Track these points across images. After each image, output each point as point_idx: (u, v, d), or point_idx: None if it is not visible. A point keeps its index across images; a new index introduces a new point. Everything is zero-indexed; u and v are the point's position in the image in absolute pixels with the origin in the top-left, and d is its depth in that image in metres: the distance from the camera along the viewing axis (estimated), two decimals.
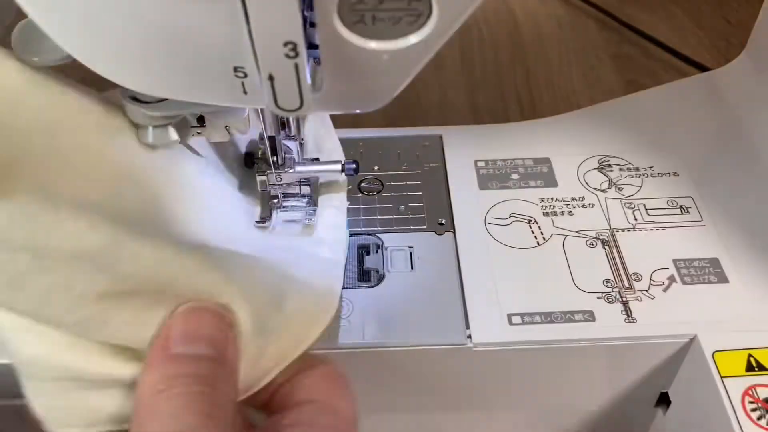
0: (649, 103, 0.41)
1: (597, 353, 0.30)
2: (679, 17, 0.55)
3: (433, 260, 0.32)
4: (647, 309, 0.30)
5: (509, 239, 0.33)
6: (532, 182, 0.36)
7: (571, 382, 0.32)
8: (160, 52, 0.20)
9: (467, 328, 0.29)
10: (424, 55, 0.20)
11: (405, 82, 0.21)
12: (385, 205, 0.35)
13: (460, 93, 0.49)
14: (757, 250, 0.33)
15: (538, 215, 0.34)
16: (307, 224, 0.31)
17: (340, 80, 0.21)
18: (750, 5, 0.56)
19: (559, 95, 0.49)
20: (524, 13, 0.56)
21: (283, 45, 0.19)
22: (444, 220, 0.34)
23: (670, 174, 0.36)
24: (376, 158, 0.37)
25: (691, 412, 0.30)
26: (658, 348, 0.30)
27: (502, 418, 0.34)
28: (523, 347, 0.29)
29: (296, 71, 0.19)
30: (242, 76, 0.20)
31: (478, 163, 0.37)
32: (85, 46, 0.21)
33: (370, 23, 0.19)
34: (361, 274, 0.32)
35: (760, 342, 0.29)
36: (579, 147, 0.38)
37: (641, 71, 0.50)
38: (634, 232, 0.33)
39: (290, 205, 0.32)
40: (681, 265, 0.32)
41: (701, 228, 0.34)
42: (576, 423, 0.34)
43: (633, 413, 0.33)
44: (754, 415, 0.27)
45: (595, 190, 0.35)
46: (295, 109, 0.21)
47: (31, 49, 0.24)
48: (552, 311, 0.30)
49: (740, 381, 0.28)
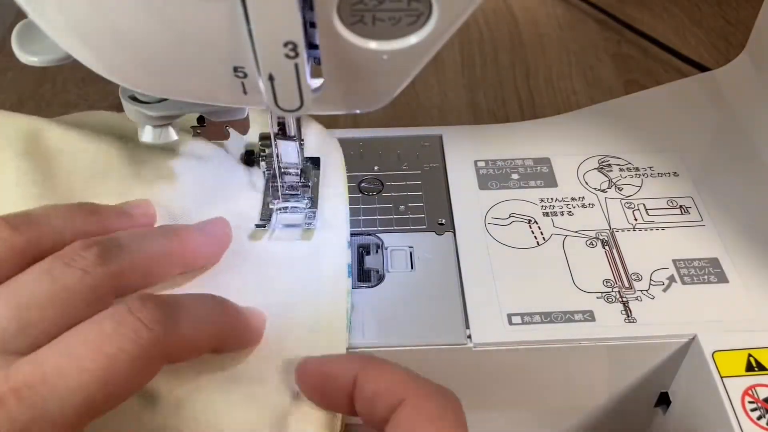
0: (649, 103, 0.41)
1: (597, 353, 0.30)
2: (679, 17, 0.55)
3: (433, 260, 0.32)
4: (647, 309, 0.30)
5: (509, 239, 0.33)
6: (532, 182, 0.36)
7: (571, 382, 0.32)
8: (160, 52, 0.20)
9: (467, 328, 0.29)
10: (424, 55, 0.20)
11: (405, 82, 0.21)
12: (385, 205, 0.35)
13: (460, 93, 0.49)
14: (757, 250, 0.33)
15: (538, 215, 0.34)
16: (307, 228, 0.31)
17: (340, 80, 0.21)
18: (750, 5, 0.56)
19: (559, 95, 0.49)
20: (524, 13, 0.56)
21: (283, 45, 0.19)
22: (444, 220, 0.34)
23: (670, 174, 0.36)
24: (376, 158, 0.37)
25: (691, 412, 0.30)
26: (658, 348, 0.30)
27: (501, 418, 0.34)
28: (523, 347, 0.29)
29: (296, 71, 0.19)
30: (242, 76, 0.20)
31: (478, 163, 0.37)
32: (85, 46, 0.21)
33: (369, 23, 0.19)
34: (361, 274, 0.32)
35: (760, 342, 0.29)
36: (579, 147, 0.38)
37: (641, 71, 0.50)
38: (634, 232, 0.33)
39: (290, 206, 0.32)
40: (681, 265, 0.32)
41: (701, 228, 0.34)
42: (576, 423, 0.34)
43: (633, 413, 0.33)
44: (754, 415, 0.27)
45: (595, 190, 0.35)
46: (295, 109, 0.21)
47: (31, 49, 0.24)
48: (552, 311, 0.30)
49: (740, 381, 0.28)
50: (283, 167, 0.31)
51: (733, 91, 0.41)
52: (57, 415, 0.19)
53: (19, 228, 0.23)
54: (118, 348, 0.20)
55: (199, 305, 0.23)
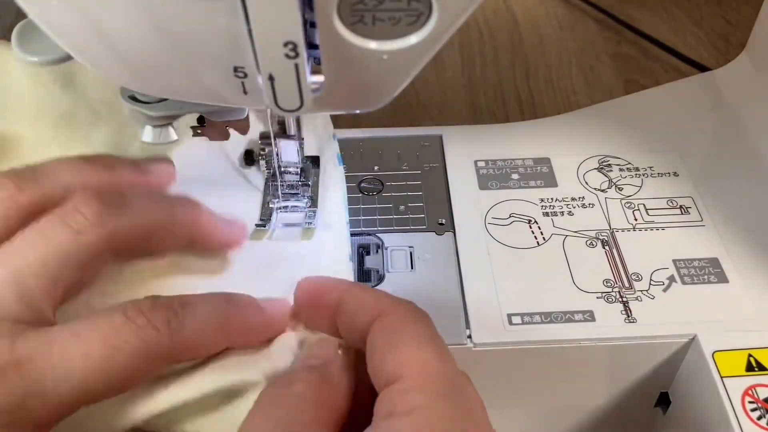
0: (649, 103, 0.41)
1: (597, 353, 0.30)
2: (679, 17, 0.55)
3: (433, 260, 0.32)
4: (647, 309, 0.30)
5: (509, 239, 0.33)
6: (532, 182, 0.36)
7: (571, 382, 0.32)
8: (160, 52, 0.20)
9: (467, 328, 0.29)
10: (424, 55, 0.20)
11: (405, 82, 0.21)
12: (385, 205, 0.35)
13: (460, 93, 0.49)
14: (757, 250, 0.33)
15: (538, 215, 0.34)
16: (307, 228, 0.31)
17: (340, 80, 0.21)
18: (750, 5, 0.56)
19: (559, 95, 0.49)
20: (524, 13, 0.56)
21: (283, 45, 0.19)
22: (444, 220, 0.34)
23: (670, 174, 0.36)
24: (376, 158, 0.37)
25: (691, 412, 0.30)
26: (658, 348, 0.30)
27: (501, 418, 0.34)
28: (523, 347, 0.29)
29: (296, 71, 0.19)
30: (242, 76, 0.20)
31: (478, 163, 0.37)
32: (85, 46, 0.21)
33: (370, 23, 0.19)
34: (361, 274, 0.32)
35: (760, 342, 0.29)
36: (579, 147, 0.38)
37: (641, 71, 0.50)
38: (634, 232, 0.33)
39: (290, 206, 0.32)
40: (681, 265, 0.32)
41: (701, 228, 0.34)
42: (576, 423, 0.34)
43: (633, 413, 0.33)
44: (754, 415, 0.27)
45: (595, 190, 0.35)
46: (295, 109, 0.21)
47: (31, 49, 0.24)
48: (552, 311, 0.30)
49: (740, 381, 0.28)
50: (283, 166, 0.31)
51: (733, 91, 0.41)
52: (52, 394, 0.19)
53: (24, 185, 0.23)
54: (123, 341, 0.20)
55: (209, 306, 0.23)
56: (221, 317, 0.23)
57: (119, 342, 0.20)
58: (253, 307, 0.25)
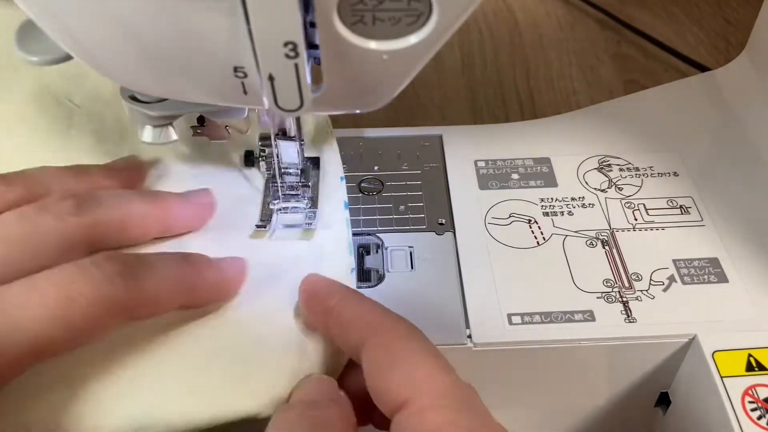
0: (649, 103, 0.41)
1: (597, 353, 0.30)
2: (679, 17, 0.55)
3: (433, 260, 0.32)
4: (647, 309, 0.30)
5: (509, 239, 0.33)
6: (532, 182, 0.36)
7: (571, 382, 0.32)
8: (160, 52, 0.20)
9: (467, 328, 0.29)
10: (424, 55, 0.20)
11: (405, 82, 0.21)
12: (385, 205, 0.35)
13: (460, 93, 0.49)
14: (757, 250, 0.33)
15: (538, 215, 0.34)
16: (307, 228, 0.31)
17: (340, 80, 0.21)
18: (750, 5, 0.56)
19: (559, 95, 0.49)
20: (524, 13, 0.56)
21: (283, 45, 0.19)
22: (444, 220, 0.34)
23: (670, 174, 0.36)
24: (376, 158, 0.37)
25: (691, 412, 0.30)
26: (658, 348, 0.30)
27: (501, 418, 0.34)
28: (523, 347, 0.29)
29: (296, 71, 0.19)
30: (242, 76, 0.20)
31: (478, 163, 0.37)
32: (85, 46, 0.21)
33: (370, 23, 0.19)
34: (361, 274, 0.32)
35: (760, 342, 0.29)
36: (579, 147, 0.38)
37: (641, 71, 0.50)
38: (634, 232, 0.33)
39: (291, 207, 0.32)
40: (681, 265, 0.32)
41: (701, 228, 0.34)
42: (576, 423, 0.34)
43: (633, 413, 0.33)
44: (754, 415, 0.27)
45: (595, 190, 0.35)
46: (295, 109, 0.21)
47: (31, 49, 0.24)
48: (552, 311, 0.30)
49: (740, 381, 0.28)
50: (283, 167, 0.31)
51: (733, 91, 0.41)
52: (8, 344, 0.20)
53: (13, 184, 0.25)
54: (79, 293, 0.21)
55: (164, 262, 0.24)
56: (177, 273, 0.24)
57: (75, 293, 0.21)
58: (209, 264, 0.26)
